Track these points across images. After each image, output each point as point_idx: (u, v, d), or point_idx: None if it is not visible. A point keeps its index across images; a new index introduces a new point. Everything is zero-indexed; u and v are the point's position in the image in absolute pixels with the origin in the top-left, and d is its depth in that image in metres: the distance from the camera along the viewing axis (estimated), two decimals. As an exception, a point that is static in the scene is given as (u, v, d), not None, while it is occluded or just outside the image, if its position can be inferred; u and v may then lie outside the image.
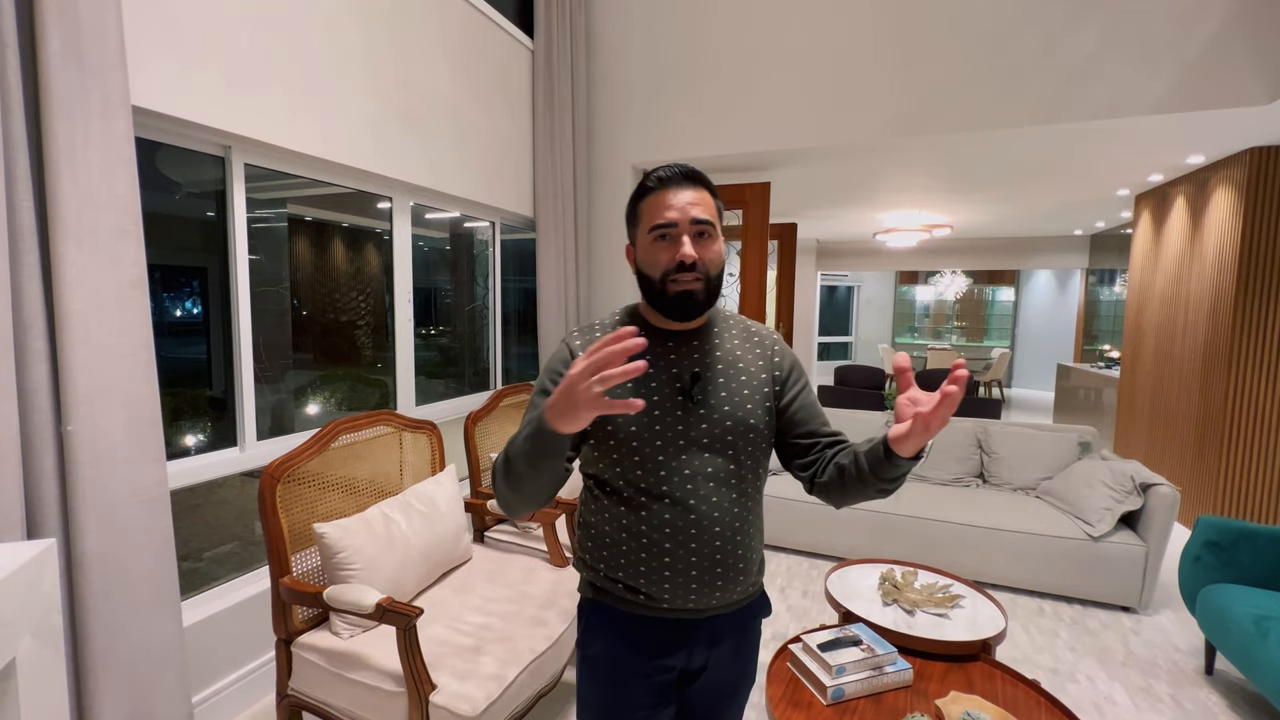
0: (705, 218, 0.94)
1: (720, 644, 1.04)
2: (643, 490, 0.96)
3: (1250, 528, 2.22)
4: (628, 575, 0.98)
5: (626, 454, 0.95)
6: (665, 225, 0.94)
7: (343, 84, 2.27)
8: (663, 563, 0.96)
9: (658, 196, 0.95)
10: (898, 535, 3.14)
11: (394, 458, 2.09)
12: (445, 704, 1.42)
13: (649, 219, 0.96)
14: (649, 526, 0.96)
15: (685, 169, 0.96)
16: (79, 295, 1.38)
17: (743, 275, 3.91)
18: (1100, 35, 2.83)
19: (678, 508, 0.95)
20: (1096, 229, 7.18)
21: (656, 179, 0.96)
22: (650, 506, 0.95)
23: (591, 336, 1.03)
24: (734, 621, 1.05)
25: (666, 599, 0.97)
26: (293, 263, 2.65)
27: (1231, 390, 3.52)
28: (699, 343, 1.01)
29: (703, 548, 0.95)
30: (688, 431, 0.95)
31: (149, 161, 1.92)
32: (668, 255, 0.94)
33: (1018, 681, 1.68)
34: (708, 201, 0.97)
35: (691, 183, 0.96)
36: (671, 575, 0.96)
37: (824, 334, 11.15)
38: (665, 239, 0.94)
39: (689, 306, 0.95)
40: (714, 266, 0.96)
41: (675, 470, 0.95)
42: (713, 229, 0.96)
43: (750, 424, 0.98)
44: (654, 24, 3.64)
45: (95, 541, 1.41)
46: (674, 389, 0.97)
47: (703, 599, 0.97)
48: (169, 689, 1.55)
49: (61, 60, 1.32)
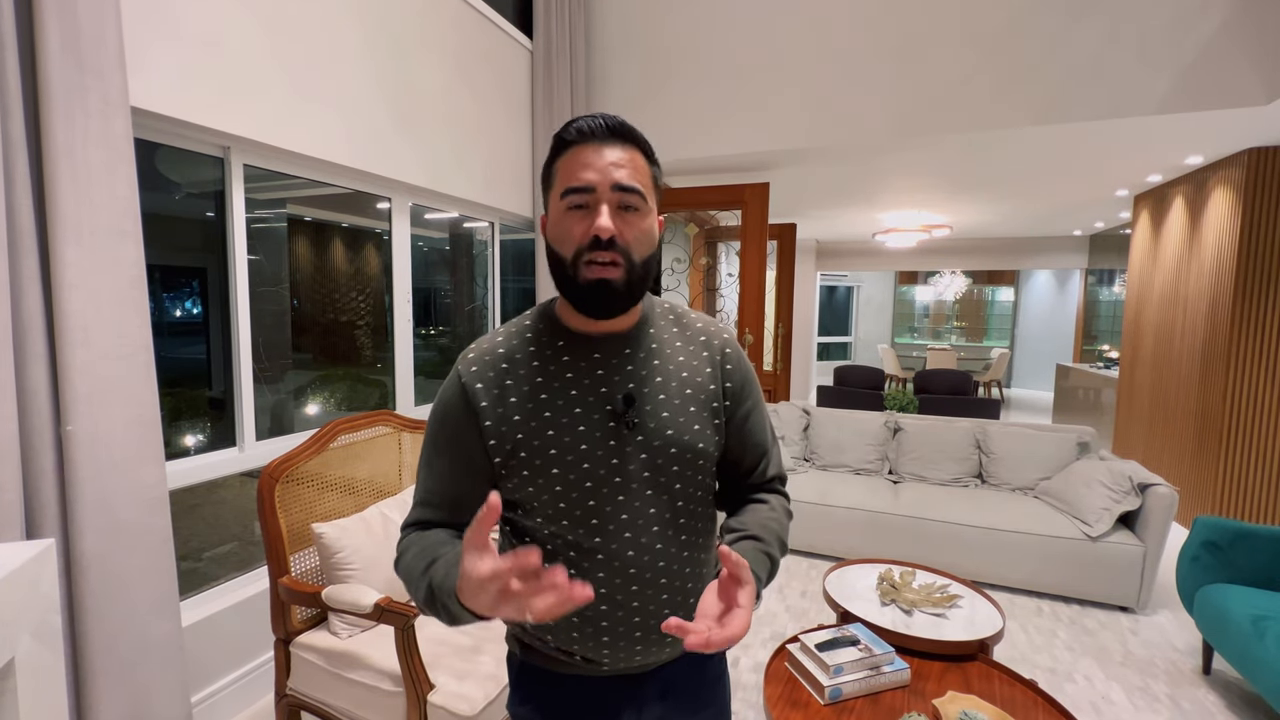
0: (632, 184, 0.73)
1: (673, 693, 0.87)
2: (570, 544, 0.78)
3: (1248, 528, 2.22)
4: (559, 639, 0.81)
5: (549, 500, 0.77)
6: (580, 189, 0.72)
7: (341, 85, 2.27)
8: (599, 627, 0.79)
9: (575, 154, 0.73)
10: (896, 535, 3.14)
11: (393, 458, 2.09)
12: (443, 703, 1.43)
13: (563, 180, 0.74)
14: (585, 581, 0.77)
15: (612, 120, 0.74)
16: (78, 296, 1.38)
17: (742, 276, 3.92)
18: (1099, 36, 2.84)
19: (614, 563, 0.77)
20: (1095, 229, 7.18)
21: (575, 130, 0.73)
22: (580, 564, 0.77)
23: (497, 364, 0.79)
24: (687, 666, 0.88)
25: (607, 662, 0.81)
26: (292, 263, 2.65)
27: (1230, 390, 3.53)
28: (632, 350, 0.80)
29: (646, 605, 0.79)
30: (624, 466, 0.77)
31: (148, 162, 1.93)
32: (581, 228, 0.72)
33: (1015, 681, 1.69)
34: (638, 164, 0.75)
35: (619, 139, 0.74)
36: (611, 640, 0.79)
37: (823, 334, 11.16)
38: (581, 208, 0.73)
39: (602, 299, 0.73)
40: (640, 247, 0.74)
41: (609, 518, 0.77)
42: (642, 200, 0.74)
43: (699, 449, 0.80)
44: (653, 24, 3.64)
45: (94, 541, 1.41)
46: (604, 413, 0.77)
47: (650, 655, 0.82)
48: (168, 689, 1.55)
49: (60, 60, 1.33)
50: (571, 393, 0.77)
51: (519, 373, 0.78)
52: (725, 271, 4.63)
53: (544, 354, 0.79)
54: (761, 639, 2.52)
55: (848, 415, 3.85)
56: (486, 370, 0.79)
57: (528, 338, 0.81)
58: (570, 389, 0.78)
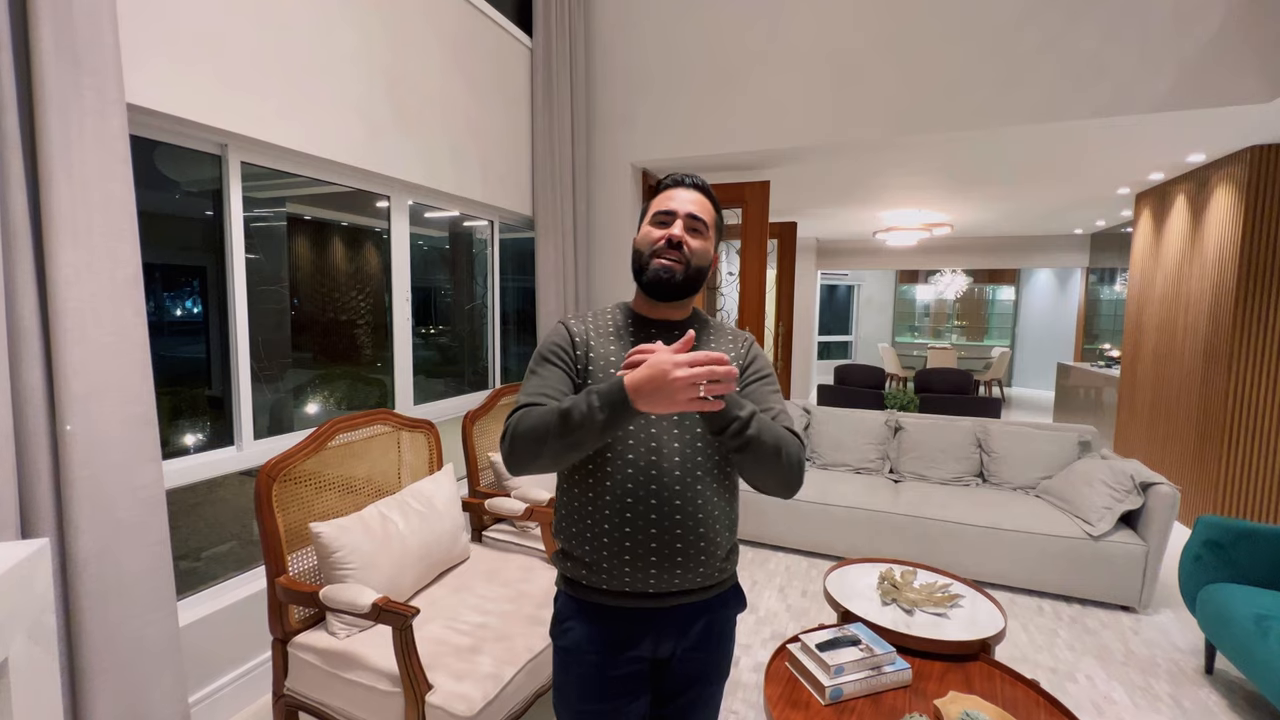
0: (701, 215, 1.07)
1: (688, 632, 1.05)
2: (613, 458, 1.00)
3: (1251, 527, 2.21)
4: (592, 550, 1.02)
5: None
6: (665, 213, 1.06)
7: (340, 82, 2.26)
8: (623, 533, 0.99)
9: (667, 193, 1.09)
10: (897, 534, 3.13)
11: (391, 457, 2.08)
12: (441, 704, 1.42)
13: (655, 208, 1.09)
14: (613, 496, 0.99)
15: (697, 180, 1.10)
16: (74, 293, 1.37)
17: (742, 274, 3.91)
18: (1101, 33, 2.82)
19: (640, 478, 0.99)
20: (1097, 228, 7.17)
21: (671, 180, 1.10)
22: (613, 464, 1.00)
23: (586, 323, 1.11)
24: (701, 609, 1.06)
25: (627, 579, 1.00)
26: (292, 262, 2.64)
27: (1232, 389, 3.52)
28: (680, 333, 1.04)
29: (663, 520, 0.99)
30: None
31: (148, 160, 1.92)
32: (661, 233, 1.05)
33: (1017, 681, 1.68)
34: (707, 207, 1.09)
35: (698, 190, 1.09)
36: (631, 547, 0.99)
37: (824, 333, 11.14)
38: (662, 224, 1.06)
39: (665, 282, 1.03)
40: (698, 258, 1.06)
41: (645, 441, 1.00)
42: (705, 230, 1.08)
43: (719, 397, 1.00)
44: (653, 22, 3.63)
45: (90, 541, 1.40)
46: None
47: (662, 580, 1.00)
48: (165, 689, 1.54)
49: (55, 56, 1.32)
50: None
51: (601, 333, 1.10)
52: (725, 270, 4.62)
53: (618, 326, 1.11)
54: (762, 639, 2.52)
55: (848, 414, 3.84)
56: (579, 325, 1.11)
57: (607, 316, 1.13)
58: (631, 348, 0.99)
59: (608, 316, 1.13)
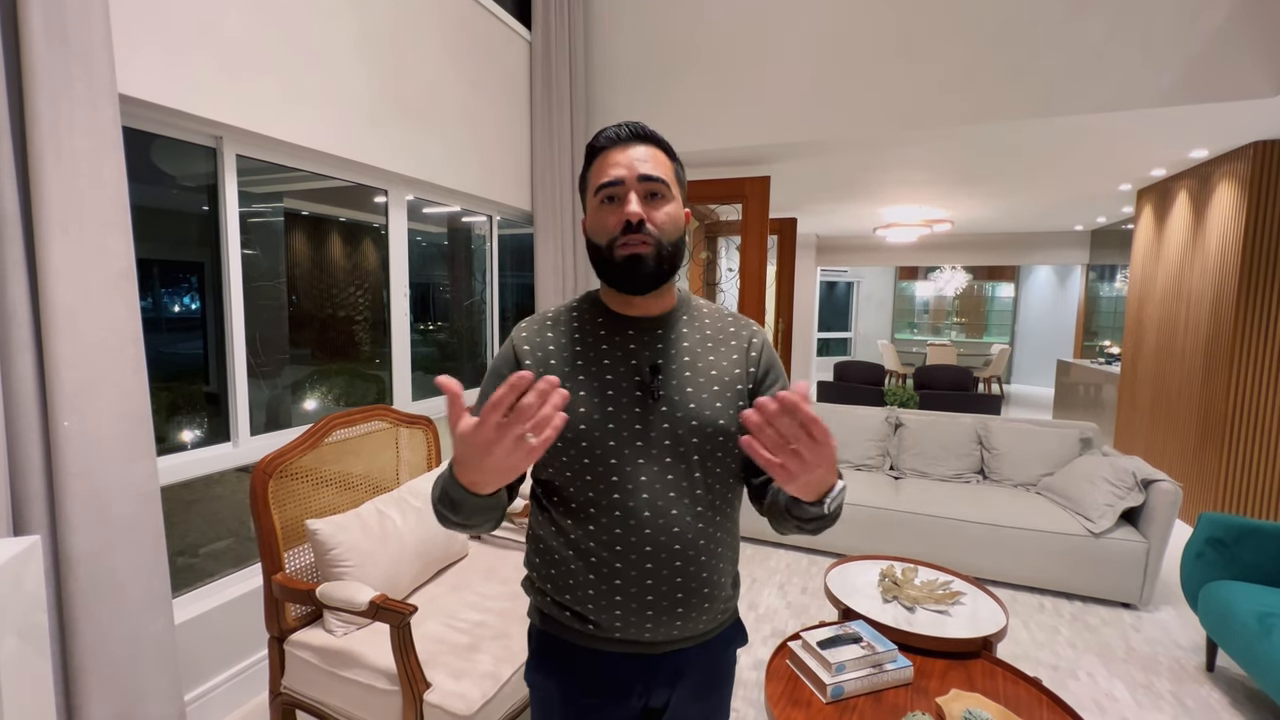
0: (656, 174, 0.83)
1: (683, 681, 0.90)
2: (591, 500, 0.84)
3: (1253, 524, 2.20)
4: (575, 599, 0.86)
5: (575, 456, 0.84)
6: (611, 184, 0.83)
7: (337, 74, 2.23)
8: (613, 586, 0.83)
9: (603, 158, 0.85)
10: (898, 532, 3.12)
11: (389, 453, 2.06)
12: (439, 702, 1.41)
13: (595, 181, 0.85)
14: (598, 544, 0.84)
15: (636, 126, 0.85)
16: (65, 286, 1.35)
17: (742, 270, 3.89)
18: (1104, 27, 2.80)
19: (630, 521, 0.82)
20: (1098, 224, 7.15)
21: (605, 138, 0.85)
22: (599, 520, 0.83)
23: (543, 331, 0.90)
24: (701, 655, 0.91)
25: (618, 629, 0.85)
26: (289, 257, 2.62)
27: (1233, 386, 3.50)
28: (664, 331, 0.89)
29: (660, 569, 0.83)
30: (646, 432, 0.83)
31: (143, 154, 1.90)
32: (615, 218, 0.83)
33: (1019, 679, 1.67)
34: (659, 159, 0.85)
35: (641, 140, 0.85)
36: (624, 601, 0.83)
37: (823, 330, 11.13)
38: (613, 200, 0.83)
39: (636, 272, 0.83)
40: (668, 230, 0.84)
41: (629, 477, 0.83)
42: (666, 188, 0.84)
43: (719, 425, 0.85)
44: (653, 15, 3.60)
45: (83, 538, 1.38)
46: (632, 383, 0.85)
47: (660, 630, 0.85)
48: (160, 688, 1.53)
49: (45, 44, 1.29)
50: (605, 362, 0.87)
51: (561, 340, 0.89)
52: (725, 266, 4.61)
53: (585, 328, 0.90)
54: (762, 636, 2.51)
55: (849, 411, 3.83)
56: (534, 336, 0.90)
57: (573, 314, 0.92)
58: (604, 359, 0.87)
59: (573, 315, 0.92)
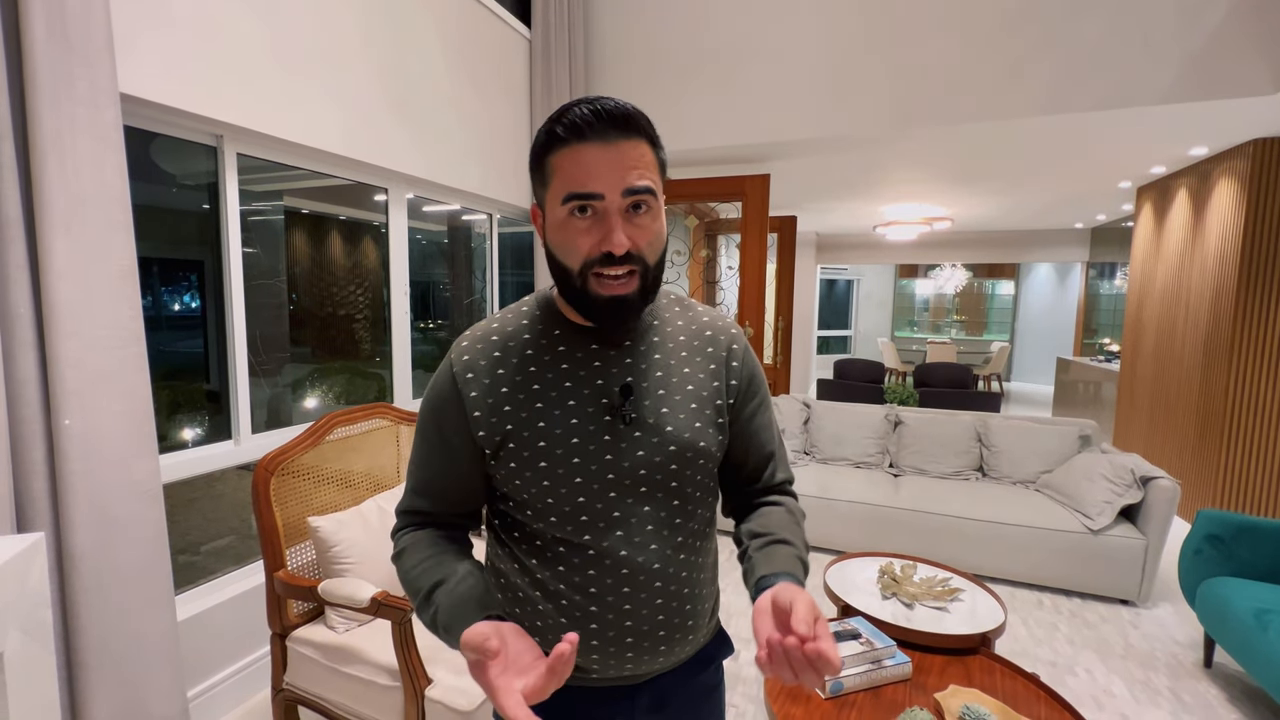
0: (644, 184, 0.65)
1: (668, 706, 0.82)
2: (559, 540, 0.73)
3: (1251, 521, 2.21)
4: (545, 642, 0.75)
5: (539, 493, 0.72)
6: (587, 196, 0.65)
7: (337, 73, 2.24)
8: (589, 630, 0.73)
9: (576, 152, 0.65)
10: (897, 528, 3.13)
11: (390, 451, 2.07)
12: (440, 698, 1.42)
13: (563, 182, 0.66)
14: (569, 586, 0.73)
15: (616, 108, 0.64)
16: (67, 286, 1.36)
17: (742, 268, 3.89)
18: (1103, 24, 2.80)
19: (606, 562, 0.72)
20: (1097, 222, 7.15)
21: (575, 123, 0.64)
22: (570, 560, 0.73)
23: (489, 351, 0.75)
24: (684, 676, 0.82)
25: (596, 670, 0.76)
26: (290, 256, 2.63)
27: (1232, 383, 3.51)
28: (633, 343, 0.76)
29: (639, 609, 0.74)
30: (619, 462, 0.72)
31: (144, 153, 1.90)
32: (590, 240, 0.66)
33: (1017, 675, 1.68)
34: (646, 158, 0.67)
35: (624, 131, 0.65)
36: (601, 645, 0.74)
37: (823, 328, 11.13)
38: (587, 212, 0.66)
39: (619, 316, 0.69)
40: (653, 252, 0.69)
41: (601, 515, 0.72)
42: (654, 198, 0.67)
43: (700, 448, 0.75)
44: (653, 13, 3.60)
45: (86, 536, 1.39)
46: (600, 406, 0.73)
47: (642, 665, 0.76)
48: (163, 684, 1.54)
49: (47, 45, 1.30)
50: (566, 384, 0.73)
51: (512, 361, 0.74)
52: (725, 264, 4.61)
53: (539, 343, 0.75)
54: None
55: (848, 409, 3.83)
56: (478, 359, 0.74)
57: (524, 324, 0.76)
58: (565, 380, 0.73)
59: (524, 328, 0.76)
